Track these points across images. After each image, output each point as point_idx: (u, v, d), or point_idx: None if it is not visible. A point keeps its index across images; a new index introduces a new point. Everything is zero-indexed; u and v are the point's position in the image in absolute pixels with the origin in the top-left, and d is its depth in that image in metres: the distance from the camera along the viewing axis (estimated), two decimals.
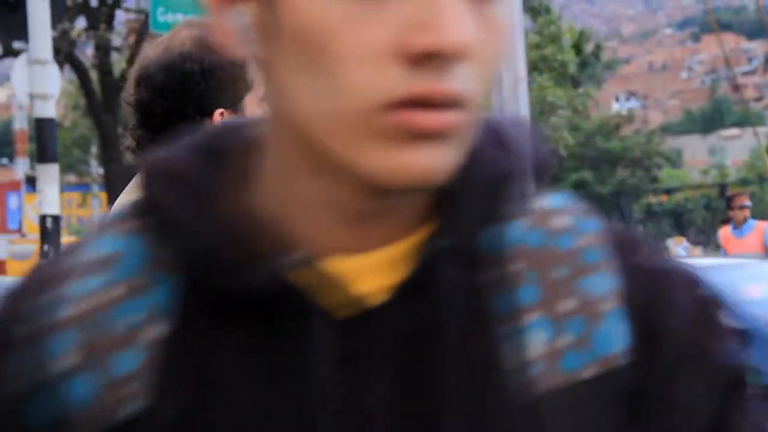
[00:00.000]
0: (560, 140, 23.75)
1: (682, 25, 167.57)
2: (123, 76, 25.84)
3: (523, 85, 14.74)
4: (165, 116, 2.41)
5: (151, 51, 2.44)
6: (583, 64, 32.46)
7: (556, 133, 23.47)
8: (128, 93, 2.45)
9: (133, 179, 2.43)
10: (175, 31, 2.46)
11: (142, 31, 25.46)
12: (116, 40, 26.56)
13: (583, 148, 36.79)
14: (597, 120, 40.29)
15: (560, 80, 24.18)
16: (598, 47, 39.76)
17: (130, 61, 25.68)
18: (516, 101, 14.66)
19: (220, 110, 2.41)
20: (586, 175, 37.98)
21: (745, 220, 13.27)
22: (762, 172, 41.26)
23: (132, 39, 26.54)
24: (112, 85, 25.56)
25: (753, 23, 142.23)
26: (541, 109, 22.14)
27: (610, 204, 31.43)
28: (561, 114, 23.54)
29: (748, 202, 13.47)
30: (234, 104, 2.43)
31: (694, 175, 46.25)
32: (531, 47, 18.19)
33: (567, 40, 24.08)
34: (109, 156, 26.11)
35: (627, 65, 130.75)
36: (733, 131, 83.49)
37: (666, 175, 43.81)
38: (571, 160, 36.22)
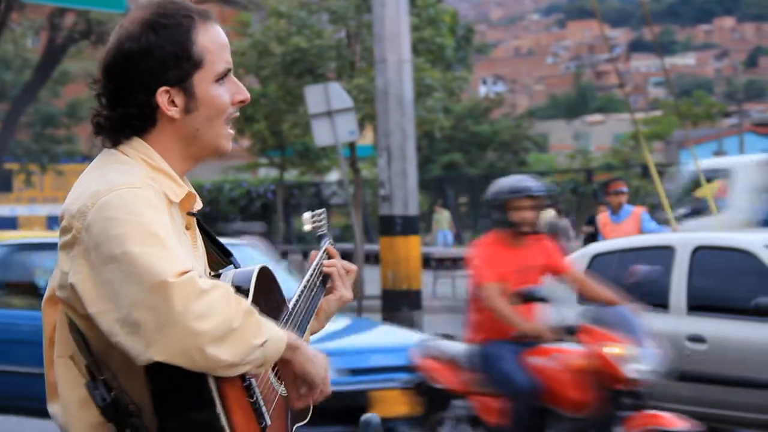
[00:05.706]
0: (436, 122, 23.88)
1: (549, 11, 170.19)
2: None
3: (408, 66, 14.79)
4: (114, 98, 2.44)
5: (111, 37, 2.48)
6: (456, 48, 32.74)
7: (432, 115, 23.59)
8: (93, 81, 2.50)
9: (101, 156, 2.48)
10: (130, 13, 2.48)
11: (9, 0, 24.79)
12: None
13: (454, 131, 37.12)
14: (468, 103, 40.70)
15: (436, 63, 24.29)
16: (470, 31, 40.12)
17: None
18: (400, 82, 14.74)
19: (164, 88, 2.43)
20: (457, 157, 38.37)
21: (620, 205, 13.48)
22: (626, 158, 42.14)
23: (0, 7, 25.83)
24: None
25: (617, 11, 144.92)
26: (419, 91, 22.19)
27: (479, 186, 31.80)
28: (436, 96, 23.63)
29: (623, 188, 13.67)
30: (180, 82, 2.44)
31: (560, 160, 47.07)
32: (410, 29, 18.21)
33: (445, 23, 24.16)
34: None
35: (494, 49, 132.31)
36: (597, 117, 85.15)
37: (533, 159, 44.48)
38: (442, 142, 36.53)
